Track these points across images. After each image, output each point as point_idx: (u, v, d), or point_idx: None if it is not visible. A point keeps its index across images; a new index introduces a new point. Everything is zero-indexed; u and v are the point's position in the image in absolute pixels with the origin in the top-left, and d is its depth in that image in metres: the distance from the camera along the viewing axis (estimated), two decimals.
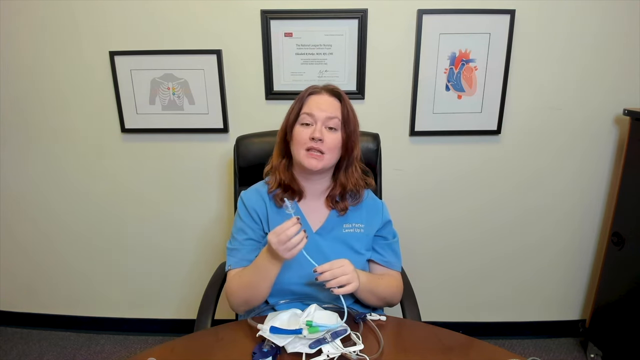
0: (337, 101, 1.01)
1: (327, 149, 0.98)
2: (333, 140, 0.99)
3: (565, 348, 1.84)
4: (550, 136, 1.63)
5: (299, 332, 0.83)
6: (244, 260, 1.02)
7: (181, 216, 1.77)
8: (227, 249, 1.06)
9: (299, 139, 0.99)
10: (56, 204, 1.78)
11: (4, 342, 1.88)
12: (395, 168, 1.66)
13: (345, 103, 1.01)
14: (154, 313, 1.93)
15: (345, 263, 0.91)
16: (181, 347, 0.87)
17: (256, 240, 1.05)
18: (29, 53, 1.57)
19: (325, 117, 0.98)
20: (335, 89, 1.03)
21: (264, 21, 1.49)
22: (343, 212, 1.05)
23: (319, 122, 0.98)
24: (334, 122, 0.99)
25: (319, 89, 1.03)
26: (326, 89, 1.03)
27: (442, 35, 1.49)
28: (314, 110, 0.98)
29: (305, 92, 1.03)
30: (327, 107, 0.99)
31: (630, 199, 1.52)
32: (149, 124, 1.63)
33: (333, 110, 0.99)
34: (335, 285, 0.87)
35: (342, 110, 1.00)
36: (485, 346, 0.86)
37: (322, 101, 1.00)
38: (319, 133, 0.97)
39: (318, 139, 0.96)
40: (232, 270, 1.03)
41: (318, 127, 0.97)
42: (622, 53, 1.52)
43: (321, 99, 1.01)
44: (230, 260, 1.04)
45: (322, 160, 0.98)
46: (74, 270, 1.87)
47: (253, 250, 1.03)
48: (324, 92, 1.02)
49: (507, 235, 1.76)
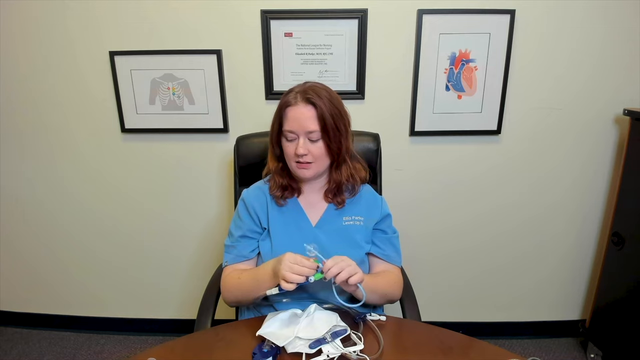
0: (312, 109, 0.97)
1: (313, 158, 1.00)
2: (317, 150, 1.00)
3: (565, 348, 1.84)
4: (550, 136, 1.63)
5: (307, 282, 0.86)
6: (239, 256, 1.06)
7: (181, 216, 1.77)
8: (224, 245, 1.09)
9: (287, 153, 1.02)
10: (56, 204, 1.78)
11: (4, 342, 1.88)
12: (396, 168, 1.66)
13: (321, 108, 0.97)
14: (154, 313, 1.93)
15: (345, 257, 0.90)
16: (181, 347, 0.87)
17: (252, 237, 1.07)
18: (29, 53, 1.57)
19: (305, 131, 0.98)
20: (310, 98, 0.97)
21: (264, 21, 1.49)
22: (341, 205, 1.07)
23: (300, 137, 0.99)
24: (314, 134, 0.99)
25: (293, 99, 0.99)
26: (302, 97, 0.98)
27: (442, 35, 1.49)
28: (293, 127, 0.98)
29: (284, 102, 1.00)
30: (303, 120, 0.97)
31: (630, 199, 1.51)
32: (149, 124, 1.63)
33: (310, 122, 0.97)
34: (345, 276, 0.86)
35: (319, 119, 0.97)
36: (485, 346, 0.86)
37: (299, 115, 0.98)
38: (302, 149, 0.98)
39: (302, 154, 0.99)
40: (229, 266, 1.06)
41: (300, 142, 0.98)
42: (622, 53, 1.52)
43: (297, 111, 0.98)
44: (227, 257, 1.08)
45: (311, 170, 1.02)
46: (74, 270, 1.87)
47: (249, 247, 1.06)
48: (299, 101, 0.98)
49: (506, 235, 1.76)
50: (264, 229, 1.07)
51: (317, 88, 1.00)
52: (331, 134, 0.99)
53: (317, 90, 0.99)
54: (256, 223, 1.08)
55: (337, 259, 0.88)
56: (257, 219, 1.07)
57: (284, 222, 1.06)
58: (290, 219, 1.07)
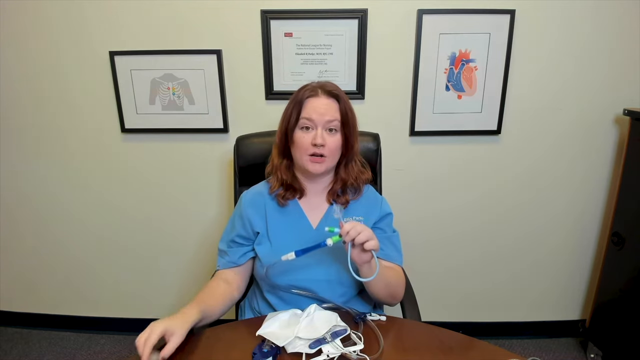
0: (335, 102, 1.00)
1: (329, 151, 0.99)
2: (334, 143, 1.00)
3: (565, 348, 1.84)
4: (550, 136, 1.63)
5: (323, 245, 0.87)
6: (230, 262, 1.06)
7: (181, 216, 1.77)
8: (218, 249, 1.10)
9: (300, 145, 1.00)
10: (56, 204, 1.78)
11: (4, 342, 1.88)
12: (396, 168, 1.66)
13: (344, 102, 1.01)
14: (153, 313, 1.93)
15: (362, 223, 0.89)
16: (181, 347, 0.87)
17: (241, 244, 1.07)
18: (28, 53, 1.57)
19: (325, 121, 0.98)
20: (332, 90, 1.01)
21: (264, 21, 1.49)
22: (344, 206, 1.06)
23: (319, 127, 0.98)
24: (334, 124, 0.99)
25: (316, 91, 1.00)
26: (323, 90, 1.01)
27: (442, 35, 1.49)
28: (313, 115, 0.98)
29: (303, 94, 1.00)
30: (325, 110, 0.98)
31: (630, 199, 1.52)
32: (149, 124, 1.63)
33: (332, 112, 0.99)
34: (364, 238, 0.84)
35: (341, 111, 1.00)
36: (485, 346, 0.86)
37: (321, 104, 0.99)
38: (321, 139, 0.97)
39: (320, 144, 0.97)
40: (220, 271, 1.08)
41: (319, 132, 0.98)
42: (622, 53, 1.52)
43: (319, 102, 0.99)
44: (220, 261, 1.09)
45: (324, 164, 1.00)
46: (74, 270, 1.87)
47: (238, 253, 1.06)
48: (321, 94, 1.00)
49: (506, 235, 1.76)
50: (257, 234, 1.06)
51: (334, 84, 1.03)
52: (350, 128, 1.01)
53: (335, 86, 1.03)
54: (247, 230, 1.06)
55: (354, 223, 0.86)
56: (250, 226, 1.06)
57: (284, 224, 1.05)
58: (291, 222, 1.06)
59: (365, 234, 0.85)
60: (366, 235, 0.85)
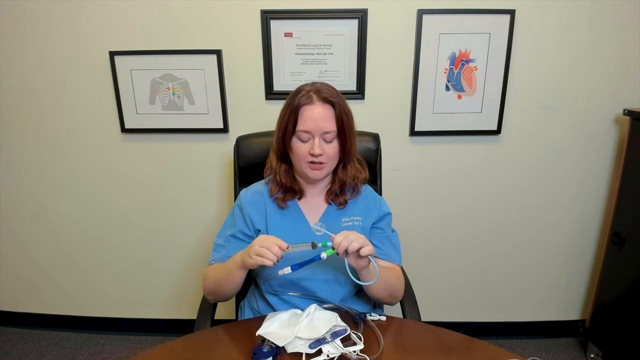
0: (330, 108, 0.97)
1: (327, 158, 0.99)
2: (332, 150, 0.99)
3: (565, 348, 1.84)
4: (550, 136, 1.63)
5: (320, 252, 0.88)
6: (226, 257, 1.04)
7: (181, 216, 1.77)
8: (214, 243, 1.09)
9: (299, 154, 0.99)
10: (56, 204, 1.78)
11: (4, 342, 1.88)
12: (396, 168, 1.66)
13: (339, 107, 0.97)
14: (154, 313, 1.93)
15: (354, 231, 0.89)
16: (181, 347, 0.87)
17: (242, 239, 1.06)
18: (28, 53, 1.57)
19: (322, 131, 0.97)
20: (327, 97, 0.97)
21: (264, 21, 1.49)
22: (342, 206, 1.06)
23: (316, 137, 0.97)
24: (330, 135, 0.98)
25: (311, 98, 0.97)
26: (319, 97, 0.97)
27: (442, 35, 1.49)
28: (310, 126, 0.96)
29: (299, 102, 0.97)
30: (321, 120, 0.96)
31: (630, 199, 1.51)
32: (149, 124, 1.63)
33: (328, 122, 0.97)
34: (357, 246, 0.84)
35: (337, 118, 0.98)
36: (485, 346, 0.86)
37: (317, 114, 0.96)
38: (319, 149, 0.96)
39: (318, 154, 0.97)
40: (214, 265, 1.06)
41: (316, 142, 0.97)
42: (622, 53, 1.52)
43: (315, 110, 0.96)
44: (214, 255, 1.07)
45: (324, 170, 1.00)
46: (74, 270, 1.87)
47: (237, 248, 1.04)
48: (316, 101, 0.96)
49: (506, 235, 1.76)
50: (258, 231, 1.06)
51: (329, 87, 1.00)
52: (347, 133, 0.99)
53: (330, 89, 0.99)
54: (249, 227, 1.06)
55: (345, 233, 0.87)
56: (251, 223, 1.06)
57: (283, 224, 1.05)
58: (290, 222, 1.06)
59: (359, 241, 0.85)
60: (359, 243, 0.85)
